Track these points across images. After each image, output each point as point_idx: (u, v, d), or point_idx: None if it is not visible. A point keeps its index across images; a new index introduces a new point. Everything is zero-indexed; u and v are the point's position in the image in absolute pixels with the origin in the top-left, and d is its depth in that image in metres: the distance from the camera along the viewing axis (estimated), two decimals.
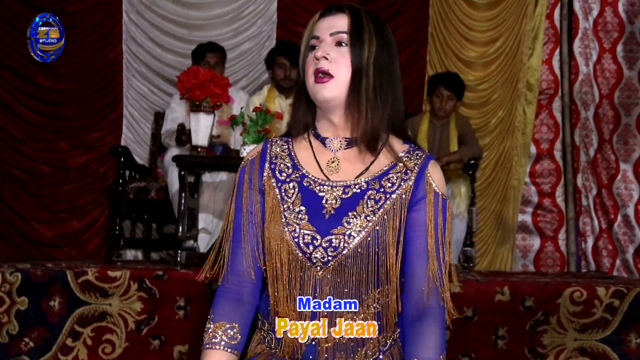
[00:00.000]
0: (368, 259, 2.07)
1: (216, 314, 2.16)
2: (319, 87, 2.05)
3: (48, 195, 6.44)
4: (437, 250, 2.11)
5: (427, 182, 2.11)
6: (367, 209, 2.09)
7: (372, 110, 2.08)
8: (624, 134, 6.46)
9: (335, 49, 2.05)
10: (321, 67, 2.04)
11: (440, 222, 2.12)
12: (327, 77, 2.04)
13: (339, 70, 2.04)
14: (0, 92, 6.42)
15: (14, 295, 4.36)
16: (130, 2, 6.48)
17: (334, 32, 2.05)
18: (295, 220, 2.10)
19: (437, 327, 2.10)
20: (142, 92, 6.55)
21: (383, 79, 2.10)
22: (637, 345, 4.40)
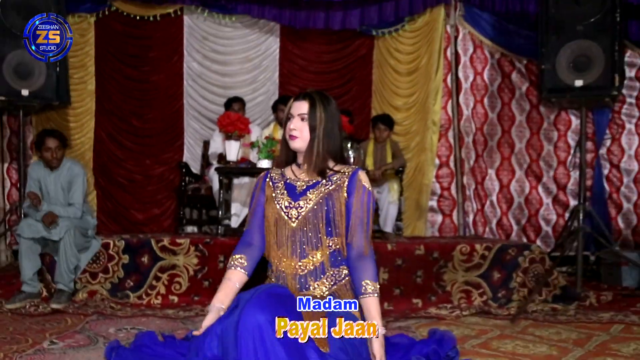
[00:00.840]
0: (320, 217, 2.46)
1: (235, 251, 2.60)
2: (291, 142, 2.52)
3: (139, 193, 6.56)
4: (366, 219, 2.47)
5: (357, 179, 2.50)
6: (319, 189, 2.50)
7: (320, 155, 2.50)
8: (490, 152, 6.60)
9: (300, 122, 2.50)
10: (292, 133, 2.50)
11: (366, 202, 2.48)
12: (294, 137, 2.50)
13: (301, 134, 2.50)
14: (110, 129, 6.50)
15: (120, 254, 4.70)
16: (188, 74, 6.56)
17: (299, 113, 2.50)
18: (281, 196, 2.54)
19: (371, 264, 2.46)
20: (195, 128, 6.63)
21: (329, 136, 2.50)
22: (497, 278, 4.71)
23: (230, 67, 6.61)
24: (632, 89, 6.47)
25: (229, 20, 6.44)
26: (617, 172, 6.53)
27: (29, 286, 4.43)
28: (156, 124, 6.57)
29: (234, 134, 5.14)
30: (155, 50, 6.48)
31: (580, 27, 5.01)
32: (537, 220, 6.52)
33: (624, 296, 5.01)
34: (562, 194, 6.51)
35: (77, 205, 4.59)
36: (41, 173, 4.67)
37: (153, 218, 6.54)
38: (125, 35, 6.43)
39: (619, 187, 6.52)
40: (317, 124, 2.48)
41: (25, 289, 4.41)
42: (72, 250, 4.43)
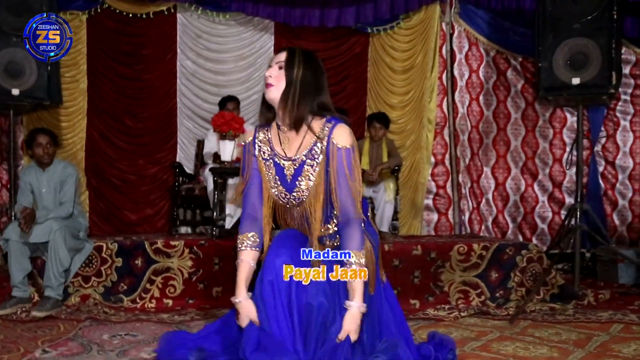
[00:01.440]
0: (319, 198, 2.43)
1: (243, 228, 2.54)
2: (266, 90, 2.43)
3: (132, 193, 6.44)
4: (344, 184, 2.36)
5: (331, 143, 2.37)
6: (308, 174, 2.44)
7: (295, 107, 2.38)
8: (485, 150, 6.55)
9: (277, 70, 2.41)
10: (268, 81, 2.41)
11: (346, 165, 2.35)
12: (269, 85, 2.40)
13: (277, 83, 2.39)
14: (102, 129, 6.36)
15: (113, 256, 4.61)
16: (182, 72, 6.44)
17: (278, 62, 2.42)
18: (275, 184, 2.50)
19: (357, 231, 2.37)
20: (189, 128, 6.53)
21: (306, 88, 2.39)
22: (495, 278, 4.68)
23: (224, 65, 6.49)
24: (627, 86, 6.44)
25: (222, 17, 6.34)
26: (612, 169, 6.50)
27: (20, 290, 4.34)
28: (149, 123, 6.46)
29: (228, 134, 5.01)
30: (148, 48, 6.35)
31: (577, 25, 4.99)
32: (533, 218, 6.48)
33: (621, 294, 5.00)
34: (558, 192, 6.48)
35: (68, 204, 4.51)
36: (32, 176, 4.60)
37: (146, 218, 6.44)
38: (117, 32, 6.30)
39: (614, 184, 6.51)
40: (294, 73, 2.39)
41: (16, 293, 4.32)
42: (63, 252, 4.30)
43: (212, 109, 6.26)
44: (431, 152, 6.54)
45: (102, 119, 6.40)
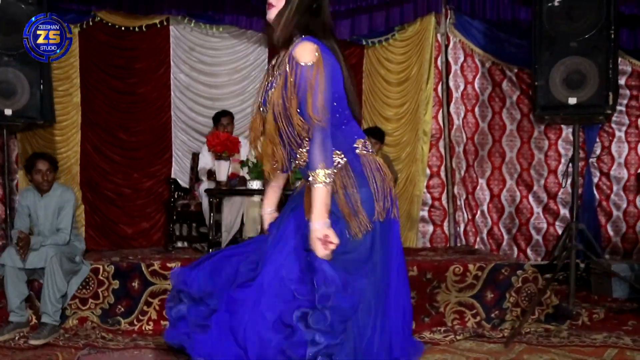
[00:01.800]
0: (270, 116, 2.28)
1: None
2: (268, 12, 2.32)
3: (128, 207, 6.43)
4: (302, 98, 2.19)
5: (291, 57, 2.20)
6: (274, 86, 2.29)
7: (285, 26, 2.28)
8: (481, 161, 6.51)
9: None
10: (269, 1, 2.31)
11: (292, 79, 2.21)
12: (271, 6, 2.31)
13: (277, 3, 2.28)
14: (96, 142, 6.35)
15: (110, 279, 4.64)
16: (175, 85, 6.41)
17: None
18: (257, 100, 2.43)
19: (313, 144, 2.19)
20: (184, 140, 6.50)
21: (301, 7, 2.28)
22: (491, 298, 4.68)
23: (218, 79, 6.46)
24: (622, 97, 6.41)
25: (216, 30, 6.30)
26: (607, 180, 6.51)
27: (17, 315, 4.35)
28: (144, 136, 6.44)
29: (223, 154, 5.04)
30: (142, 61, 6.32)
31: (574, 43, 4.91)
32: (528, 229, 6.48)
33: (615, 312, 5.00)
34: (553, 203, 6.47)
35: (65, 231, 4.55)
36: (31, 200, 4.64)
37: (142, 232, 6.44)
38: (110, 46, 6.27)
39: (609, 195, 6.51)
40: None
41: (13, 318, 4.34)
42: (60, 278, 4.33)
43: (207, 122, 6.25)
44: (426, 164, 6.53)
45: (95, 133, 6.37)
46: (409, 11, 6.15)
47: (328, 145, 2.21)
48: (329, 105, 2.23)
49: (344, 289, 2.15)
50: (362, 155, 2.33)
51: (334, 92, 2.27)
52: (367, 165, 2.32)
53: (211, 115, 6.13)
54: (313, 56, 2.18)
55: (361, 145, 2.36)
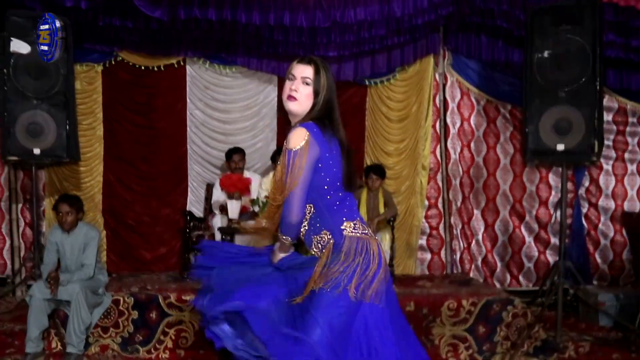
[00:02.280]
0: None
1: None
2: (288, 102, 2.39)
3: (147, 234, 6.45)
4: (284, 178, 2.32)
5: (284, 144, 2.34)
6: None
7: (304, 118, 2.38)
8: (476, 193, 6.52)
9: (302, 85, 2.36)
10: (291, 93, 2.37)
11: (283, 160, 2.32)
12: (293, 98, 2.37)
13: (300, 97, 2.36)
14: (118, 173, 6.38)
15: (130, 309, 4.80)
16: (191, 121, 6.42)
17: (303, 76, 2.38)
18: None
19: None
20: (199, 172, 6.51)
21: (327, 104, 2.38)
22: (483, 332, 4.80)
23: (231, 115, 6.49)
24: (609, 132, 6.44)
25: (229, 70, 6.35)
26: (595, 210, 6.54)
27: (33, 346, 4.53)
28: (162, 167, 6.50)
29: (235, 194, 5.14)
30: (160, 98, 6.38)
31: (562, 93, 5.00)
32: (520, 258, 6.51)
33: (600, 345, 5.05)
34: (544, 232, 6.49)
35: (89, 267, 4.71)
36: (58, 237, 4.82)
37: (160, 257, 6.48)
38: (131, 83, 6.33)
39: (597, 224, 6.54)
40: (320, 91, 2.38)
41: (29, 349, 4.52)
42: (85, 311, 4.51)
43: (220, 155, 6.33)
44: (425, 196, 6.55)
45: (117, 164, 6.45)
46: (409, 53, 6.18)
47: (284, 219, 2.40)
48: (305, 187, 2.34)
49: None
50: (348, 236, 2.41)
51: (325, 176, 2.38)
52: (351, 246, 2.39)
53: (224, 149, 6.22)
54: (301, 141, 2.29)
55: (349, 228, 2.43)
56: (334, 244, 2.40)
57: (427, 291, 5.29)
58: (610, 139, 6.49)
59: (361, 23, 5.52)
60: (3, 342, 4.67)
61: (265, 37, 5.67)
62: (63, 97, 5.38)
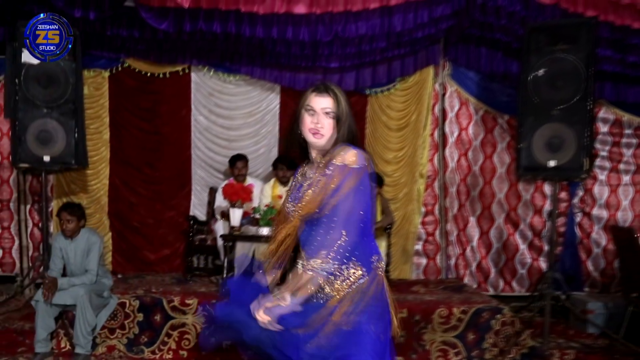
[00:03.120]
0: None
1: None
2: (316, 139, 2.35)
3: (151, 236, 6.73)
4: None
5: (333, 157, 2.29)
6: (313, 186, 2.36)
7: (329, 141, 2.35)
8: (472, 201, 6.77)
9: (326, 119, 2.33)
10: (318, 130, 2.33)
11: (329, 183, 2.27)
12: (321, 136, 2.33)
13: (326, 132, 2.32)
14: (124, 176, 6.68)
15: (135, 312, 5.08)
16: (195, 127, 6.71)
17: (323, 108, 2.35)
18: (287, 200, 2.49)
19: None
20: (202, 176, 6.79)
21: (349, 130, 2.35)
22: (472, 339, 5.05)
23: (234, 121, 6.78)
24: (605, 143, 6.71)
25: (233, 78, 6.62)
26: (588, 219, 6.79)
27: (42, 347, 4.86)
28: (166, 172, 6.77)
29: (237, 202, 5.41)
30: (165, 104, 6.65)
31: (556, 111, 5.23)
32: (514, 264, 6.78)
33: (586, 353, 5.26)
34: (537, 240, 6.76)
35: (92, 272, 4.98)
36: (62, 243, 5.10)
37: (164, 258, 6.77)
38: (137, 89, 6.60)
39: (590, 233, 6.79)
40: (341, 118, 2.36)
41: (39, 350, 4.85)
42: (90, 314, 4.81)
43: (223, 160, 6.64)
44: (422, 203, 6.77)
45: (123, 168, 6.73)
46: (410, 65, 6.42)
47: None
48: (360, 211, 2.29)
49: None
50: (378, 275, 2.37)
51: (366, 201, 2.33)
52: (380, 286, 2.36)
53: (227, 154, 6.53)
54: (360, 161, 2.29)
55: (376, 261, 2.38)
56: (368, 283, 2.32)
57: (420, 298, 5.57)
58: (606, 150, 6.74)
59: (362, 37, 5.76)
60: (14, 340, 4.98)
61: (269, 48, 5.94)
62: (72, 105, 5.62)
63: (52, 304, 4.83)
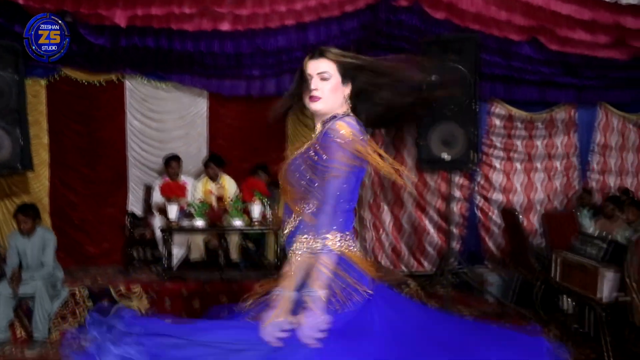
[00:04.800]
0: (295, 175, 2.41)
1: None
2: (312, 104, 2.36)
3: (91, 231, 7.56)
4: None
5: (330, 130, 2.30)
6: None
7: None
8: (385, 191, 7.97)
9: (321, 82, 2.34)
10: (313, 94, 2.34)
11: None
12: (317, 98, 2.34)
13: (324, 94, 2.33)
14: (63, 177, 7.45)
15: (85, 300, 5.98)
16: (130, 130, 7.62)
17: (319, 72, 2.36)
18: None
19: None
20: (137, 175, 7.71)
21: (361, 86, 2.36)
22: None
23: (166, 124, 7.76)
24: (499, 135, 8.08)
25: (164, 85, 7.58)
26: (487, 203, 8.17)
27: (1, 334, 5.67)
28: (104, 172, 7.62)
29: (173, 198, 6.41)
30: (101, 110, 7.51)
31: (448, 112, 6.46)
32: (423, 245, 8.06)
33: (482, 316, 6.44)
34: (443, 222, 8.01)
35: (48, 265, 5.88)
36: (19, 241, 5.97)
37: (104, 252, 7.62)
38: (74, 96, 7.39)
39: (488, 214, 8.17)
40: (350, 75, 2.38)
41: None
42: (47, 302, 5.72)
43: (157, 160, 7.60)
44: None
45: (63, 170, 7.54)
46: None
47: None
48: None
49: None
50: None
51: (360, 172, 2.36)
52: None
53: (161, 154, 7.48)
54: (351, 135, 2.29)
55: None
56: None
57: None
58: (500, 142, 8.13)
59: (281, 49, 6.84)
60: None
61: (197, 60, 6.95)
62: (17, 114, 6.34)
63: (12, 297, 5.67)
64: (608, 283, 5.21)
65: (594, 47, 6.78)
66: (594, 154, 8.53)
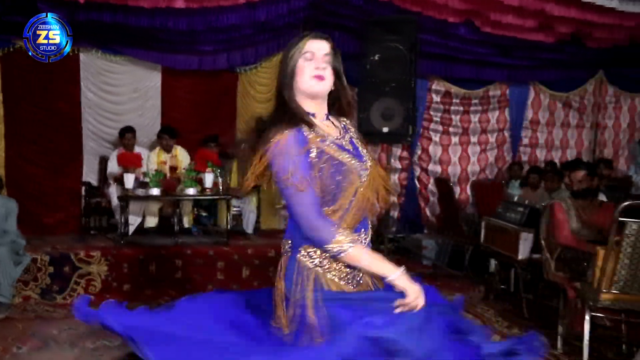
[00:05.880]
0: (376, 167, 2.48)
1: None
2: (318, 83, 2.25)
3: (48, 202, 7.89)
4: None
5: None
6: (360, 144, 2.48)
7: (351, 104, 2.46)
8: None
9: (326, 63, 2.25)
10: (319, 73, 2.23)
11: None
12: (321, 78, 2.23)
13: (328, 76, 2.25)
14: (19, 149, 7.78)
15: (46, 266, 6.42)
16: (85, 102, 8.01)
17: (325, 53, 2.26)
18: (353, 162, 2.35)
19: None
20: (93, 147, 8.13)
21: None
22: None
23: (120, 97, 8.21)
24: (437, 110, 8.87)
25: (119, 58, 8.03)
26: (425, 174, 8.96)
27: None
28: (59, 144, 7.98)
29: (130, 167, 6.93)
30: (56, 82, 7.87)
31: (388, 88, 7.16)
32: None
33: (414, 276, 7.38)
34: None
35: (11, 232, 6.31)
36: None
37: (61, 221, 8.00)
38: (28, 69, 7.65)
39: (426, 185, 8.96)
40: (340, 69, 2.34)
41: None
42: (11, 268, 6.12)
43: (112, 131, 8.07)
44: None
45: (18, 141, 7.88)
46: (274, 47, 8.11)
47: None
48: None
49: None
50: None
51: None
52: None
53: (116, 126, 7.94)
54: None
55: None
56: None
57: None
58: (438, 117, 8.91)
59: (232, 26, 7.42)
60: None
61: (152, 35, 7.46)
62: None
63: None
64: (525, 244, 6.05)
65: (522, 30, 7.58)
66: (525, 129, 9.37)
